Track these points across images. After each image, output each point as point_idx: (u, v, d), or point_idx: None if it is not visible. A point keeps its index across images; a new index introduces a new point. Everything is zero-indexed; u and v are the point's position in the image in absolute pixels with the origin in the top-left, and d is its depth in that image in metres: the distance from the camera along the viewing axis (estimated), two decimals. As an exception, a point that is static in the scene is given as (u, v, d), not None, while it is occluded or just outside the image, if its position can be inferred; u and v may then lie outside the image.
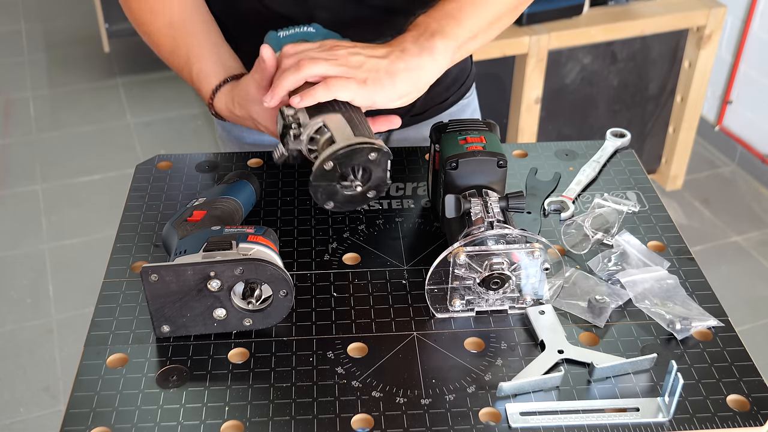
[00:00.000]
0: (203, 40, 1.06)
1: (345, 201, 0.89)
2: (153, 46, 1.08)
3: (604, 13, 2.38)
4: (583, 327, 0.88)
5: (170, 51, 1.06)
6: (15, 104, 3.34)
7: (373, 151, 0.85)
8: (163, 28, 1.05)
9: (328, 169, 0.85)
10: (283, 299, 0.85)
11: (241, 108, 1.00)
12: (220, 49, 1.06)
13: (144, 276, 0.81)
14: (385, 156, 0.86)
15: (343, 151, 0.84)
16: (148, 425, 0.77)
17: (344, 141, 0.85)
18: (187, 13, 1.06)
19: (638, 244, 0.97)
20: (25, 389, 2.12)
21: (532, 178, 1.11)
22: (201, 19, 1.07)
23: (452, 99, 1.24)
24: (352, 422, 0.77)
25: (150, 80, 3.46)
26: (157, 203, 1.06)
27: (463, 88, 1.26)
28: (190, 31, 1.05)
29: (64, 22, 3.93)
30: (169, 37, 1.05)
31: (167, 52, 1.06)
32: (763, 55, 2.76)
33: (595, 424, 0.77)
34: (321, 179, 0.86)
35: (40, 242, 2.61)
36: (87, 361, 0.84)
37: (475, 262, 0.85)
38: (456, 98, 1.25)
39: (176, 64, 1.07)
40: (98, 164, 2.97)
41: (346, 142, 0.85)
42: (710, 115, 3.03)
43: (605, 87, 2.52)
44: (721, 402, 0.80)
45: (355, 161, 0.85)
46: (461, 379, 0.82)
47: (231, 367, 0.83)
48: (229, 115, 1.03)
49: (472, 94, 1.30)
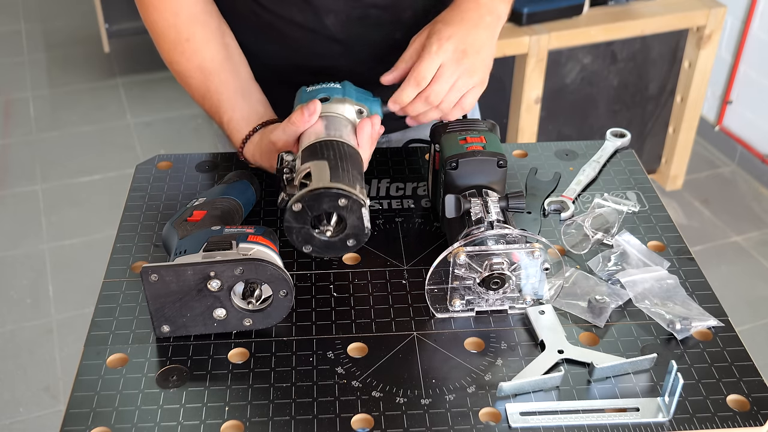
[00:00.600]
0: (234, 88, 1.07)
1: (323, 247, 0.90)
2: (184, 86, 1.10)
3: (604, 13, 2.38)
4: (583, 327, 0.88)
5: (201, 96, 1.08)
6: (15, 104, 3.34)
7: (343, 198, 0.85)
8: (193, 71, 1.07)
9: (297, 210, 0.86)
10: (283, 299, 0.85)
11: (265, 158, 1.02)
12: (251, 97, 1.08)
13: (144, 276, 0.81)
14: (357, 205, 0.86)
15: (309, 195, 0.85)
16: (148, 425, 0.77)
17: (315, 185, 0.86)
18: (219, 61, 1.07)
19: (638, 244, 0.97)
20: (25, 389, 2.12)
21: (532, 178, 1.11)
22: (232, 66, 1.08)
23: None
24: (352, 422, 0.77)
25: (150, 80, 3.46)
26: (157, 203, 1.06)
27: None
28: (221, 79, 1.07)
29: (64, 22, 3.93)
30: (199, 81, 1.07)
31: (199, 96, 1.08)
32: (763, 55, 2.76)
33: (595, 424, 0.77)
34: (293, 221, 0.87)
35: (40, 242, 2.61)
36: (87, 361, 0.84)
37: (475, 262, 0.85)
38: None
39: (207, 108, 1.09)
40: (98, 164, 2.97)
41: (316, 186, 0.86)
42: (710, 115, 3.03)
43: (605, 87, 2.52)
44: (721, 402, 0.80)
45: (325, 205, 0.86)
46: (461, 379, 0.82)
47: (231, 367, 0.83)
48: (256, 160, 1.06)
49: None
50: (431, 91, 0.99)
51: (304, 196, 0.85)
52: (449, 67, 0.98)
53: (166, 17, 1.05)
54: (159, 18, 1.05)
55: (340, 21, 1.08)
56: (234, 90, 1.07)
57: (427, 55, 0.98)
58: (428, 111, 1.02)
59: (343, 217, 0.88)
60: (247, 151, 1.06)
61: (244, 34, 1.11)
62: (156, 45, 1.09)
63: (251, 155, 1.05)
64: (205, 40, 1.06)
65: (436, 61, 0.98)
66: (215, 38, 1.07)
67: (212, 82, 1.06)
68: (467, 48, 0.99)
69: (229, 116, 1.06)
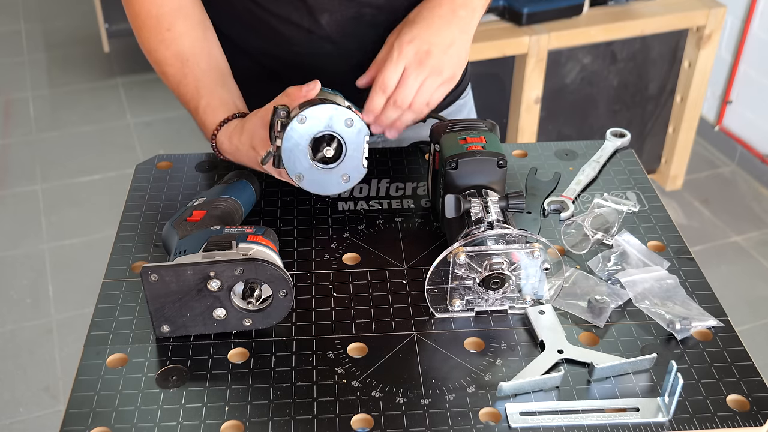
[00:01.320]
0: (214, 76, 1.07)
1: (315, 180, 0.90)
2: (160, 74, 1.10)
3: (604, 13, 2.38)
4: (583, 327, 0.88)
5: (177, 82, 1.07)
6: (15, 104, 3.34)
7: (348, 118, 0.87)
8: (171, 58, 1.07)
9: (300, 123, 0.87)
10: (283, 299, 0.85)
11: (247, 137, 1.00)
12: (229, 88, 1.08)
13: (144, 276, 0.81)
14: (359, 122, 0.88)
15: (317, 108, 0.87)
16: (148, 425, 0.77)
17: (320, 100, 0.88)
18: (198, 50, 1.07)
19: (638, 244, 0.97)
20: (25, 389, 2.12)
21: (532, 178, 1.11)
22: (211, 58, 1.08)
23: (449, 99, 1.24)
24: (352, 422, 0.77)
25: (150, 80, 3.46)
26: (157, 203, 1.06)
27: (460, 88, 1.26)
28: (200, 66, 1.07)
29: (64, 22, 3.93)
30: (176, 68, 1.07)
31: (175, 83, 1.08)
32: (763, 55, 2.76)
33: (595, 424, 0.77)
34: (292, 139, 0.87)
35: (40, 242, 2.61)
36: (87, 361, 0.84)
37: (475, 262, 0.85)
38: (452, 98, 1.25)
39: (183, 94, 1.08)
40: (98, 164, 2.97)
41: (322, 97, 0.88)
42: (710, 115, 3.03)
43: (605, 87, 2.52)
44: (721, 402, 0.80)
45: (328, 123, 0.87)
46: (461, 379, 0.82)
47: (231, 367, 0.83)
48: (228, 143, 1.03)
49: (467, 95, 1.30)
50: (398, 96, 1.00)
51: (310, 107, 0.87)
52: (413, 69, 1.00)
53: (149, 8, 1.06)
54: (141, 9, 1.06)
55: (334, 20, 1.08)
56: (213, 79, 1.07)
57: (389, 62, 1.00)
58: (402, 115, 1.03)
59: (343, 144, 0.89)
60: (222, 133, 1.03)
61: (236, 30, 1.12)
62: (136, 34, 1.09)
63: (226, 137, 1.02)
64: (186, 30, 1.06)
65: (399, 66, 1.00)
66: (196, 30, 1.07)
67: (190, 68, 1.06)
68: (431, 48, 1.00)
69: (206, 101, 1.05)
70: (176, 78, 1.07)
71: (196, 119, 1.07)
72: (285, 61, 1.14)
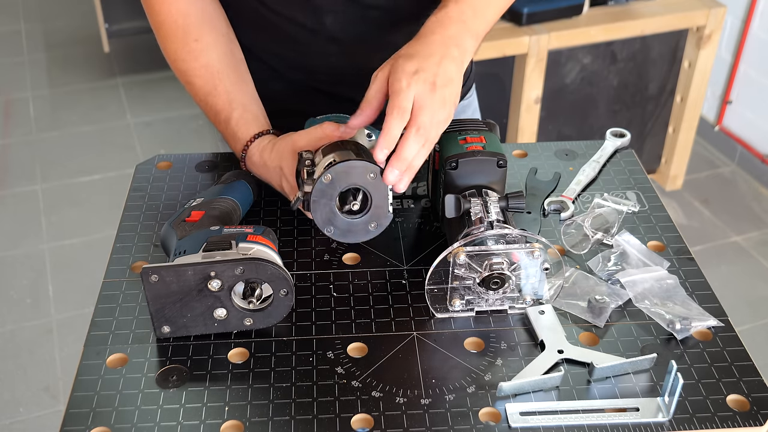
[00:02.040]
0: (244, 91, 1.07)
1: (345, 229, 0.92)
2: (186, 84, 1.09)
3: (604, 13, 2.38)
4: (583, 327, 0.88)
5: (207, 93, 1.07)
6: (15, 104, 3.34)
7: (372, 172, 0.88)
8: (199, 69, 1.06)
9: (326, 182, 0.88)
10: (283, 298, 0.85)
11: (276, 156, 1.00)
12: (258, 104, 1.09)
13: (144, 277, 0.81)
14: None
15: (341, 165, 0.87)
16: (148, 425, 0.77)
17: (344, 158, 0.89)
18: (226, 63, 1.07)
19: (638, 244, 0.97)
20: (25, 389, 2.12)
21: (532, 178, 1.11)
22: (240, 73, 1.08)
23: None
24: (352, 422, 0.77)
25: (150, 80, 3.46)
26: (157, 203, 1.06)
27: (464, 89, 1.26)
28: (230, 78, 1.07)
29: (64, 22, 3.93)
30: (205, 79, 1.06)
31: (203, 94, 1.07)
32: (763, 55, 2.76)
33: (595, 424, 0.77)
34: (320, 197, 0.89)
35: (40, 242, 2.61)
36: (87, 361, 0.84)
37: (475, 262, 0.85)
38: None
39: (212, 105, 1.07)
40: (98, 164, 2.97)
41: (346, 157, 0.88)
42: (710, 115, 3.03)
43: (605, 87, 2.52)
44: (721, 402, 0.80)
45: (353, 178, 0.88)
46: (461, 379, 0.82)
47: (231, 367, 0.83)
48: (258, 157, 1.03)
49: (472, 95, 1.30)
50: (420, 122, 0.87)
51: (333, 164, 0.87)
52: (425, 97, 0.88)
53: (175, 18, 1.05)
54: (166, 19, 1.05)
55: (339, 21, 1.08)
56: (244, 92, 1.07)
57: (398, 91, 0.87)
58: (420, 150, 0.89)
59: (369, 196, 0.90)
60: (254, 147, 1.03)
61: (241, 29, 1.12)
62: (160, 43, 1.08)
63: (257, 152, 1.03)
64: (213, 41, 1.06)
65: (410, 95, 0.87)
66: (223, 43, 1.07)
67: (221, 81, 1.06)
68: (436, 80, 0.89)
69: (239, 114, 1.05)
70: (205, 89, 1.07)
71: (225, 130, 1.07)
72: (290, 61, 1.14)
